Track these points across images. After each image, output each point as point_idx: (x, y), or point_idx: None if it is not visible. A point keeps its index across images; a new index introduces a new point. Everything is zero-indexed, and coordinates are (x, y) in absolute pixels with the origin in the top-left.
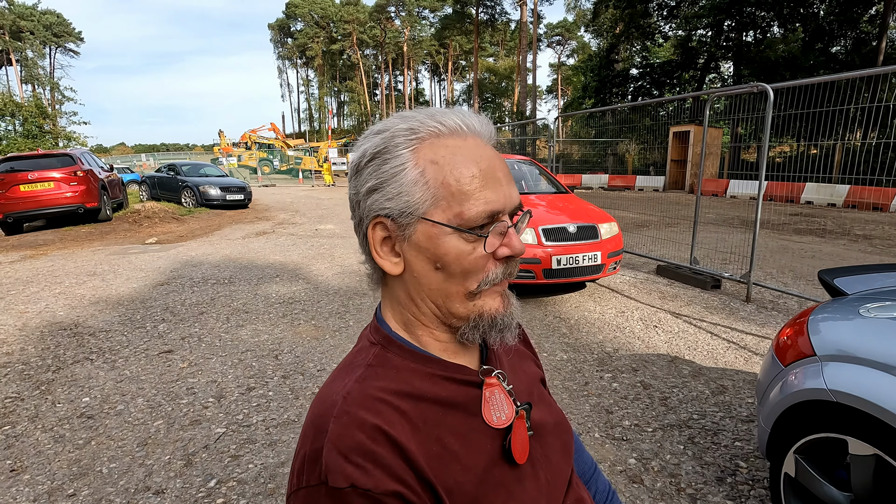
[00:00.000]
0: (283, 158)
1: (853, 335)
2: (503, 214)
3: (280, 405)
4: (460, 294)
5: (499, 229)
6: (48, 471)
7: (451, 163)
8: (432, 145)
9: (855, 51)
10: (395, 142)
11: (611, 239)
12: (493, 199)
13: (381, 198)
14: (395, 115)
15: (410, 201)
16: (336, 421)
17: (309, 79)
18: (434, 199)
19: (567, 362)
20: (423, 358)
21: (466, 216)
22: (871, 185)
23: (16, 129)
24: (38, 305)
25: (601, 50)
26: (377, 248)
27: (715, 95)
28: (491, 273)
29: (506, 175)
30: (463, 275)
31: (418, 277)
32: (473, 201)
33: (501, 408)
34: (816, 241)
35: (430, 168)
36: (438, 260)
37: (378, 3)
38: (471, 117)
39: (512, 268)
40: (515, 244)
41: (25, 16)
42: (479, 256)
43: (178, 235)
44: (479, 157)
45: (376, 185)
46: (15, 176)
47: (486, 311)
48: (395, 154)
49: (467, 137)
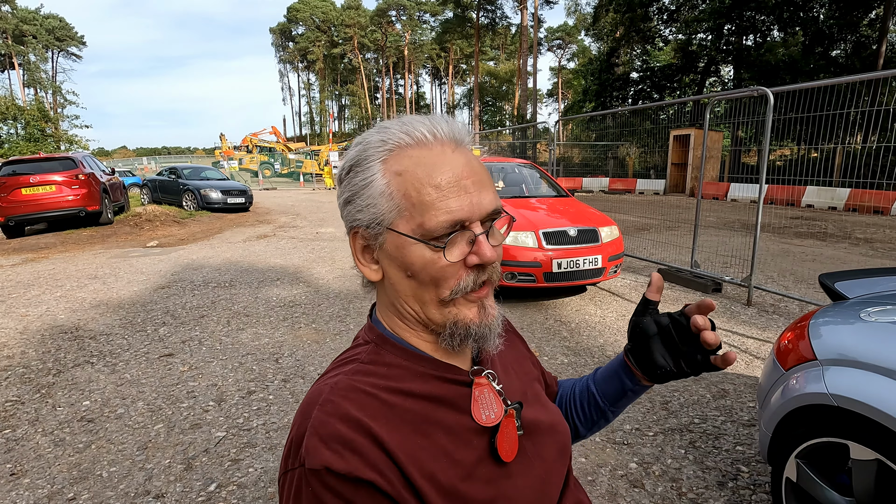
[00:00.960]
0: (284, 162)
1: (854, 339)
2: (471, 223)
3: (280, 409)
4: (434, 301)
5: (466, 237)
6: (48, 475)
7: (413, 173)
8: (398, 156)
9: (855, 54)
10: (366, 153)
11: (611, 242)
12: (456, 209)
13: (354, 209)
14: (377, 124)
15: (377, 213)
16: (320, 408)
17: (310, 82)
18: (398, 210)
19: (568, 366)
20: (416, 356)
21: (427, 227)
22: (871, 188)
23: (18, 133)
24: (39, 308)
25: (601, 54)
26: (358, 256)
27: (715, 99)
28: (462, 282)
29: (476, 181)
30: (433, 283)
31: (394, 284)
32: (434, 212)
33: (490, 406)
34: (817, 245)
35: (395, 180)
36: (407, 269)
37: (379, 7)
38: (440, 124)
39: (488, 274)
40: (485, 252)
41: (28, 20)
42: (445, 265)
43: (179, 239)
44: (441, 165)
45: (350, 196)
46: (17, 179)
47: (460, 319)
48: (366, 166)
49: (432, 147)
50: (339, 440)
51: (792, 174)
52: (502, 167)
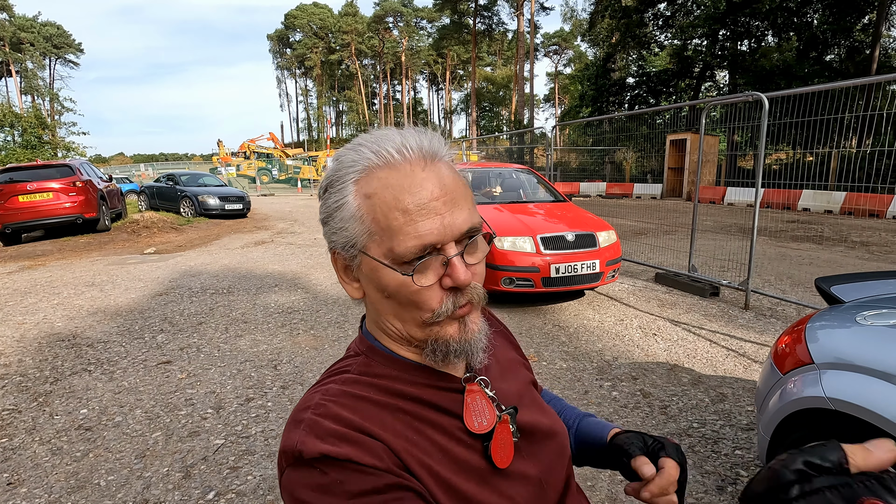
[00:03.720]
0: (281, 168)
1: (850, 343)
2: (443, 244)
3: (279, 416)
4: (415, 321)
5: (439, 260)
6: (45, 484)
7: (381, 197)
8: (368, 178)
9: (849, 59)
10: (339, 174)
11: (609, 247)
12: (425, 233)
13: (329, 231)
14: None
15: (350, 236)
16: (313, 411)
17: (307, 88)
18: (369, 234)
19: (566, 371)
20: (408, 366)
21: (397, 252)
22: (867, 192)
23: (15, 140)
24: (35, 316)
25: (598, 59)
26: (340, 274)
27: (711, 104)
28: (443, 306)
29: (448, 201)
30: (412, 305)
31: (374, 303)
32: (402, 237)
33: (483, 413)
34: (814, 248)
35: (365, 203)
36: (384, 290)
37: (376, 13)
38: (410, 139)
39: (468, 297)
40: (458, 276)
41: (26, 27)
42: (418, 289)
43: (176, 245)
44: (409, 187)
45: (325, 217)
46: (14, 186)
47: (440, 336)
48: (339, 187)
49: (400, 166)
50: (335, 434)
51: (788, 178)
52: (500, 172)
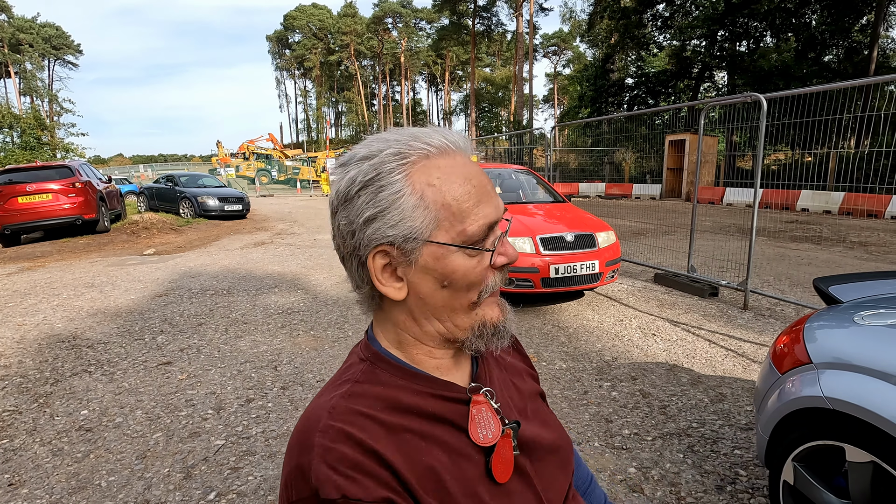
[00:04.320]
0: (281, 169)
1: (848, 343)
2: (496, 225)
3: (279, 416)
4: (465, 307)
5: (498, 239)
6: (46, 485)
7: (448, 183)
8: (425, 167)
9: (847, 59)
10: (386, 167)
11: (608, 247)
12: (489, 213)
13: (383, 226)
14: (375, 138)
15: (414, 226)
16: (322, 435)
17: (307, 89)
18: (437, 221)
19: (566, 371)
20: (412, 374)
21: (469, 232)
22: (865, 192)
23: (14, 141)
24: (35, 318)
25: (597, 60)
26: (378, 276)
27: (710, 105)
28: (490, 281)
29: (492, 186)
30: (467, 288)
31: (424, 298)
32: (473, 217)
33: (488, 426)
34: (813, 249)
35: (429, 191)
36: (446, 278)
37: (375, 14)
38: (452, 134)
39: (505, 274)
40: (510, 251)
41: (24, 28)
42: (483, 268)
43: (176, 246)
44: (469, 173)
45: (375, 213)
46: (13, 188)
47: (487, 319)
48: (390, 180)
49: (455, 155)
50: (349, 464)
51: (787, 178)
52: (499, 173)
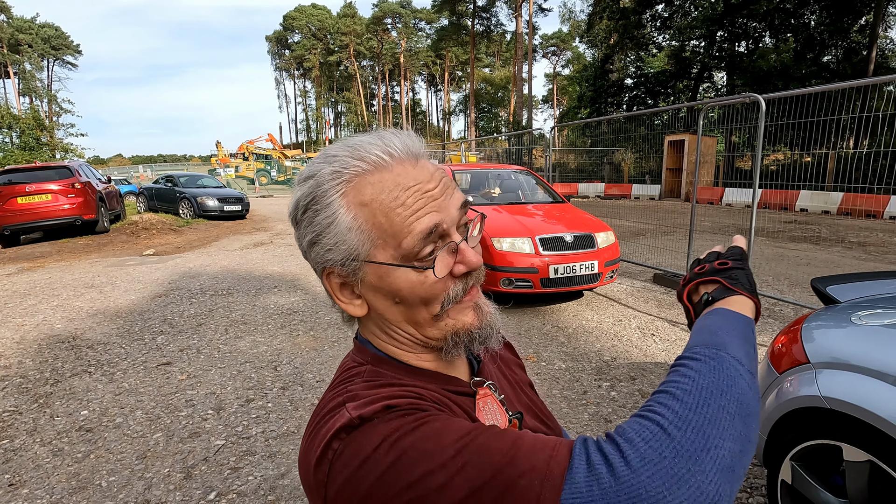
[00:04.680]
0: (280, 169)
1: (845, 343)
2: (446, 228)
3: (279, 416)
4: (427, 320)
5: (449, 248)
6: (47, 485)
7: (379, 200)
8: (358, 186)
9: (846, 60)
10: (322, 189)
11: (607, 248)
12: (426, 220)
13: (322, 249)
14: (322, 153)
15: (350, 248)
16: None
17: (306, 90)
18: (372, 241)
19: (565, 371)
20: (416, 372)
21: (406, 248)
22: (864, 192)
23: (13, 142)
24: (35, 318)
25: (596, 60)
26: (337, 295)
27: (709, 105)
28: (451, 292)
29: (442, 187)
30: (423, 302)
31: (382, 314)
32: (408, 231)
33: (495, 417)
34: (811, 249)
35: (361, 211)
36: (395, 295)
37: (375, 14)
38: (393, 140)
39: (474, 279)
40: (470, 259)
41: (24, 29)
42: (433, 283)
43: (175, 247)
44: (404, 183)
45: (314, 237)
46: (12, 188)
47: (459, 327)
48: (325, 203)
49: (392, 168)
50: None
51: (786, 179)
52: (498, 174)
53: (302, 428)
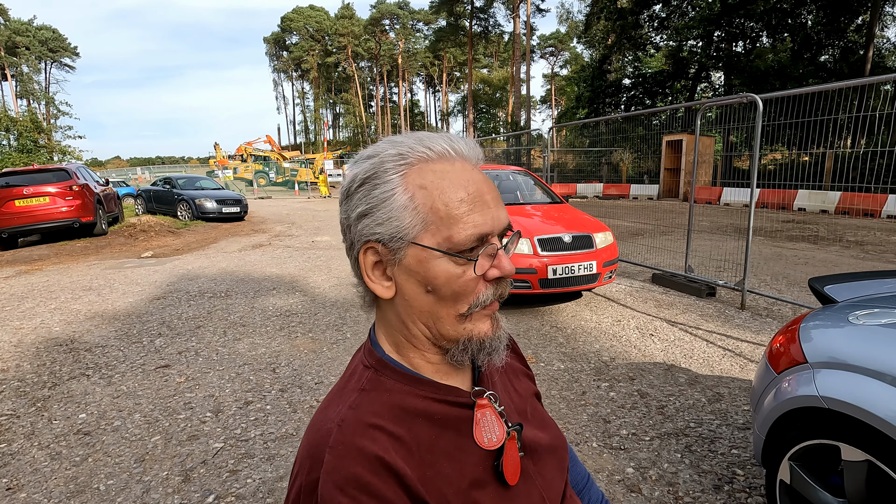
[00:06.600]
0: (278, 170)
1: (843, 342)
2: (492, 237)
3: (278, 419)
4: (451, 316)
5: (488, 251)
6: (45, 489)
7: (440, 187)
8: (421, 170)
9: (843, 60)
10: (384, 167)
11: (606, 248)
12: (481, 223)
13: (372, 223)
14: (384, 139)
15: (400, 226)
16: (331, 451)
17: (304, 91)
18: (424, 224)
19: (564, 372)
20: (416, 380)
21: (455, 240)
22: (862, 191)
23: (10, 144)
24: (33, 321)
25: (594, 61)
26: (368, 273)
27: (706, 105)
28: (482, 295)
29: (494, 198)
30: (454, 297)
31: (409, 300)
32: (462, 225)
33: (492, 429)
34: (809, 248)
35: (419, 193)
36: (429, 283)
37: (372, 16)
38: (458, 141)
39: (503, 289)
40: (505, 266)
41: (21, 31)
42: (469, 279)
43: (174, 249)
44: (466, 181)
45: (366, 210)
46: (10, 191)
47: (475, 334)
48: (385, 179)
49: (455, 161)
50: (357, 485)
51: (784, 178)
52: (497, 174)
53: (301, 430)
